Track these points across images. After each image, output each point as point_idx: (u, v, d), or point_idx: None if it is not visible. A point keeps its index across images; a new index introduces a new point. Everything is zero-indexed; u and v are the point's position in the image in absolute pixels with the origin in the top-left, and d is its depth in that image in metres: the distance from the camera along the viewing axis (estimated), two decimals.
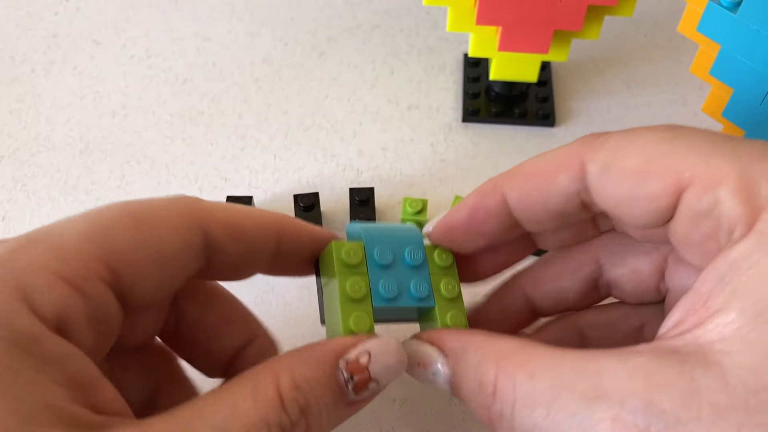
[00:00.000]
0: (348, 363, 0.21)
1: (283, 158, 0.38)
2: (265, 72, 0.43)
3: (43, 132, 0.40)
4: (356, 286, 0.23)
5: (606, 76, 0.43)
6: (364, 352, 0.21)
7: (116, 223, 0.20)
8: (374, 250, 0.24)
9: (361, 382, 0.21)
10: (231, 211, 0.23)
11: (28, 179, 0.38)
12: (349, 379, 0.21)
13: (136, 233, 0.20)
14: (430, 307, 0.25)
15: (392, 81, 0.43)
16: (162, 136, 0.40)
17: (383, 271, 0.24)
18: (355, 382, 0.21)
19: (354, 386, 0.21)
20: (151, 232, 0.20)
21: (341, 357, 0.21)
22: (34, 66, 0.43)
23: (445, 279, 0.25)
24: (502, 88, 0.41)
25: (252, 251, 0.23)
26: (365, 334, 0.22)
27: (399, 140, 0.39)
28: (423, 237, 0.26)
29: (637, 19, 0.46)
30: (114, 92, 0.42)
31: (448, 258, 0.26)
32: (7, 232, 0.35)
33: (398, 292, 0.24)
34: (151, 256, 0.20)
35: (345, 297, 0.23)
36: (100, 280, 0.19)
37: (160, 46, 0.44)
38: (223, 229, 0.22)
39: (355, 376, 0.21)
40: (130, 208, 0.21)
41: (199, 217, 0.22)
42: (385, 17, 0.47)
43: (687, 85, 0.43)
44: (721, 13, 0.29)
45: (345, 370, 0.21)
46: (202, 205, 0.22)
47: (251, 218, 0.23)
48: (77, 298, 0.19)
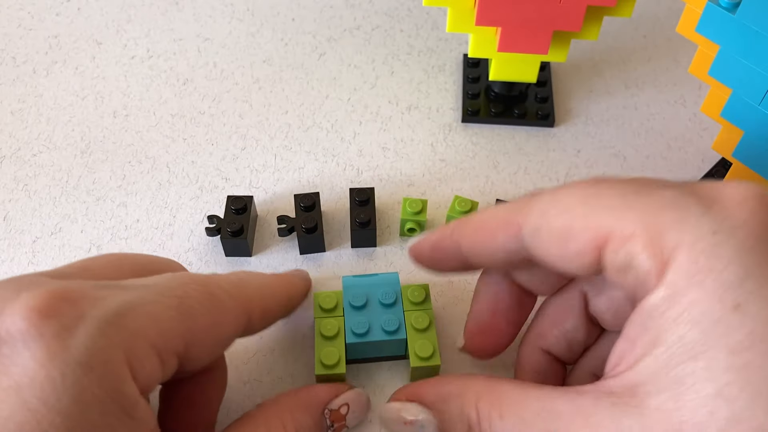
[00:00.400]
0: (331, 412, 0.27)
1: (283, 158, 0.39)
2: (265, 72, 0.43)
3: (44, 132, 0.40)
4: (329, 326, 0.29)
5: (605, 76, 0.43)
6: (344, 404, 0.27)
7: (199, 305, 0.22)
8: (350, 295, 0.29)
9: (338, 428, 0.27)
10: (264, 296, 0.26)
11: (29, 179, 0.38)
12: (330, 426, 0.26)
13: (211, 318, 0.23)
14: (402, 339, 0.29)
15: (392, 81, 0.43)
16: (163, 136, 0.40)
17: (357, 312, 0.29)
18: (334, 428, 0.27)
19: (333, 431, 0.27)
20: (221, 319, 0.23)
21: (326, 406, 0.26)
22: (36, 66, 0.43)
23: (417, 313, 0.29)
24: (501, 89, 0.41)
25: (270, 323, 0.27)
26: (345, 385, 0.28)
27: (399, 140, 0.40)
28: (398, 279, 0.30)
29: (636, 19, 0.46)
30: (115, 92, 0.42)
31: (421, 293, 0.30)
32: (9, 231, 0.35)
33: (369, 328, 0.29)
34: (215, 336, 0.23)
35: (319, 335, 0.29)
36: (176, 355, 0.22)
37: (161, 47, 0.45)
38: (259, 314, 0.25)
39: (336, 423, 0.27)
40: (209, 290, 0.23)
41: (248, 305, 0.25)
42: (385, 18, 0.47)
43: (686, 85, 0.43)
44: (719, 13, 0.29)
45: (329, 418, 0.26)
46: (249, 293, 0.25)
47: (274, 298, 0.27)
48: (161, 368, 0.21)
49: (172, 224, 0.36)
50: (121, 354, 0.19)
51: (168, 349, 0.21)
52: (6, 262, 0.34)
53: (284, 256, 0.34)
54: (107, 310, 0.20)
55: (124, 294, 0.21)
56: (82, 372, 0.18)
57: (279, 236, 0.34)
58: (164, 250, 0.35)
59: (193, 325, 0.22)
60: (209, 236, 0.34)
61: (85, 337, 0.19)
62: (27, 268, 0.34)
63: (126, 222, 0.36)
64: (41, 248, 0.35)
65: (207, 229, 0.34)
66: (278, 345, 0.31)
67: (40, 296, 0.19)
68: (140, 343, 0.20)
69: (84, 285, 0.21)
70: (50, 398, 0.18)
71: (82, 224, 0.36)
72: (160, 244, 0.35)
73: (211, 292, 0.23)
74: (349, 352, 0.29)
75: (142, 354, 0.20)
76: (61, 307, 0.19)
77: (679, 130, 0.40)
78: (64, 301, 0.19)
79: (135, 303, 0.21)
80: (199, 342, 0.22)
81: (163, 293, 0.22)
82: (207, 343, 0.23)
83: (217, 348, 0.24)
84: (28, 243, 0.35)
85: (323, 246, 0.34)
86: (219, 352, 0.25)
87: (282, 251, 0.35)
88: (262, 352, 0.31)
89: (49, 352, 0.18)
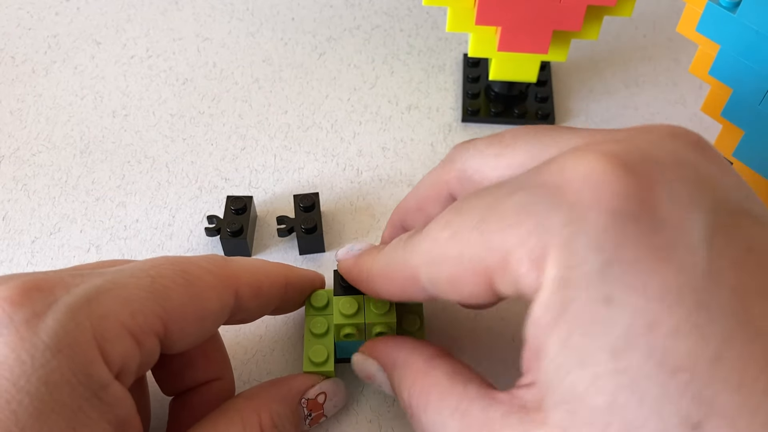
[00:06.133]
0: (308, 401, 0.26)
1: (283, 158, 0.39)
2: (265, 72, 0.43)
3: (43, 132, 0.40)
4: (318, 323, 0.28)
5: (605, 76, 0.43)
6: (321, 393, 0.27)
7: (173, 282, 0.22)
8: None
9: (316, 417, 0.27)
10: (254, 273, 0.25)
11: (28, 179, 0.38)
12: (308, 415, 0.27)
13: (188, 294, 0.22)
14: None
15: (392, 81, 0.43)
16: (162, 136, 0.40)
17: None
18: (312, 417, 0.27)
19: (310, 421, 0.27)
20: (199, 293, 0.23)
21: (303, 396, 0.26)
22: (35, 66, 0.43)
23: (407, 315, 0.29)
24: (501, 88, 0.41)
25: (266, 304, 0.27)
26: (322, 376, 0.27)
27: (399, 140, 0.39)
28: None
29: (636, 19, 0.46)
30: (114, 92, 0.42)
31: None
32: (8, 231, 0.35)
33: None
34: (196, 314, 0.23)
35: (309, 333, 0.28)
36: (155, 334, 0.22)
37: (160, 46, 0.45)
38: (249, 290, 0.25)
39: (313, 412, 0.27)
40: (182, 267, 0.23)
41: (233, 280, 0.24)
42: (385, 17, 0.47)
43: (686, 85, 0.43)
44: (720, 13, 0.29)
45: (306, 407, 0.26)
46: (233, 268, 0.25)
47: (268, 277, 0.26)
48: (136, 349, 0.21)
49: (172, 224, 0.36)
50: (90, 336, 0.20)
51: (143, 330, 0.21)
52: (5, 263, 0.34)
53: (284, 256, 0.34)
54: (78, 295, 0.20)
55: (97, 279, 0.21)
56: (51, 354, 0.19)
57: (278, 237, 0.34)
58: (163, 251, 0.34)
59: (167, 303, 0.22)
60: (209, 236, 0.34)
61: (53, 322, 0.19)
62: (26, 269, 0.34)
63: (125, 222, 0.36)
64: (40, 248, 0.35)
65: (206, 229, 0.34)
66: (278, 345, 0.31)
67: (14, 287, 0.20)
68: (110, 325, 0.20)
69: (60, 273, 0.22)
70: (19, 379, 0.18)
71: (81, 224, 0.36)
72: (159, 244, 0.35)
73: (185, 269, 0.23)
74: (339, 351, 0.29)
75: (113, 335, 0.20)
76: (32, 296, 0.20)
77: None
78: (36, 290, 0.20)
79: (106, 286, 0.21)
80: (179, 320, 0.22)
81: (135, 274, 0.22)
82: (188, 321, 0.23)
83: (203, 326, 0.24)
84: (27, 243, 0.35)
85: (323, 246, 0.34)
86: (206, 330, 0.24)
87: (281, 252, 0.35)
88: (261, 353, 0.31)
89: (20, 337, 0.19)
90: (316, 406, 0.27)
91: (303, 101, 0.41)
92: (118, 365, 0.20)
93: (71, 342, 0.19)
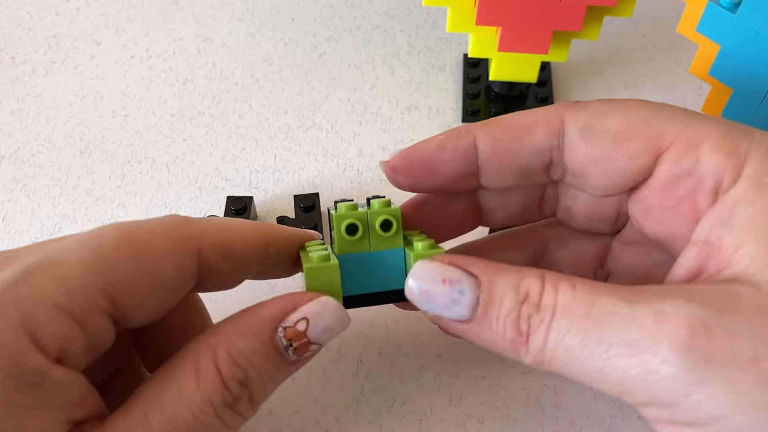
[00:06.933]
0: (286, 330, 0.21)
1: (283, 158, 0.39)
2: (265, 72, 0.43)
3: (43, 132, 0.40)
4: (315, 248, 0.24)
5: (605, 76, 0.43)
6: (302, 320, 0.21)
7: (117, 252, 0.20)
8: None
9: (300, 346, 0.22)
10: (222, 231, 0.22)
11: (28, 179, 0.38)
12: (288, 346, 0.22)
13: (135, 262, 0.20)
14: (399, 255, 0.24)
15: (392, 81, 0.43)
16: (162, 136, 0.40)
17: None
18: (295, 347, 0.22)
19: (294, 351, 0.22)
20: (150, 260, 0.20)
21: (278, 324, 0.21)
22: (35, 66, 0.43)
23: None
24: (501, 89, 0.41)
25: (242, 267, 0.23)
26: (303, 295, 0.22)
27: (399, 140, 0.39)
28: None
29: (636, 19, 0.46)
30: (114, 92, 0.42)
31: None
32: (8, 232, 0.35)
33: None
34: (149, 284, 0.20)
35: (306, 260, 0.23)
36: (101, 311, 0.19)
37: (160, 47, 0.45)
38: (216, 251, 0.22)
39: (294, 342, 0.22)
40: (128, 233, 0.20)
41: (193, 241, 0.22)
42: (385, 17, 0.47)
43: (686, 85, 0.43)
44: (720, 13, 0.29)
45: (284, 338, 0.21)
46: (195, 227, 0.22)
47: (241, 236, 0.23)
48: (78, 330, 0.19)
49: None
50: (17, 323, 0.18)
51: (84, 309, 0.19)
52: None
53: None
54: (4, 280, 0.19)
55: (29, 257, 0.19)
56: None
57: None
58: None
59: (112, 275, 0.19)
60: None
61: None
62: None
63: None
64: None
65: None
66: None
67: None
68: (41, 308, 0.18)
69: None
70: None
71: (81, 224, 0.36)
72: None
73: (131, 235, 0.20)
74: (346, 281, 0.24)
75: (45, 319, 0.18)
76: None
77: None
78: None
79: (40, 265, 0.19)
80: (129, 292, 0.20)
81: (73, 247, 0.20)
82: (141, 292, 0.20)
83: (161, 296, 0.21)
84: (27, 243, 0.35)
85: None
86: (168, 300, 0.21)
87: None
88: None
89: None
90: (296, 335, 0.22)
91: (303, 101, 0.41)
92: (56, 349, 0.19)
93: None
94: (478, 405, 0.29)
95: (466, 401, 0.29)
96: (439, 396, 0.29)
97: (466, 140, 0.24)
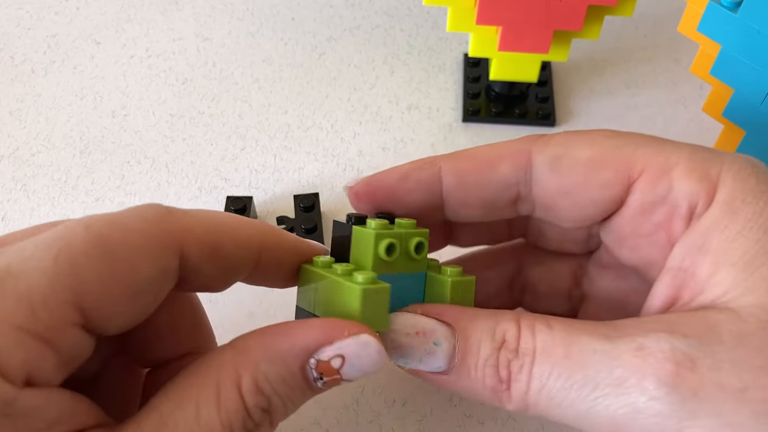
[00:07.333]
0: (318, 363, 0.20)
1: (283, 158, 0.38)
2: (265, 72, 0.43)
3: (43, 132, 0.40)
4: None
5: (606, 76, 0.43)
6: (337, 356, 0.19)
7: (85, 256, 0.17)
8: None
9: (330, 381, 0.20)
10: (210, 228, 0.20)
11: (28, 179, 0.38)
12: (319, 378, 0.20)
13: (108, 267, 0.18)
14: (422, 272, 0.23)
15: (392, 81, 0.43)
16: (162, 136, 0.40)
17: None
18: (325, 381, 0.20)
19: (323, 384, 0.20)
20: (125, 263, 0.18)
21: (311, 355, 0.19)
22: (34, 66, 0.43)
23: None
24: (502, 88, 0.40)
25: (230, 268, 0.21)
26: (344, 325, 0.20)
27: (399, 140, 0.39)
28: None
29: (637, 19, 0.46)
30: (114, 92, 0.42)
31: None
32: (7, 232, 0.35)
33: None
34: (125, 289, 0.18)
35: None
36: (71, 326, 0.18)
37: (160, 46, 0.44)
38: (201, 250, 0.20)
39: (325, 377, 0.20)
40: (98, 232, 0.18)
41: (175, 237, 0.19)
42: (385, 17, 0.46)
43: (687, 85, 0.42)
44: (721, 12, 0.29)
45: (315, 370, 0.20)
46: (178, 221, 0.20)
47: (231, 235, 0.21)
48: (46, 350, 0.17)
49: None
50: None
51: (49, 325, 0.17)
52: None
53: None
54: None
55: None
56: None
57: None
58: None
59: (79, 284, 0.17)
60: None
61: None
62: None
63: None
64: None
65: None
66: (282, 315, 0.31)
67: None
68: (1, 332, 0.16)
69: None
70: None
71: None
72: None
73: (102, 233, 0.18)
74: None
75: (6, 344, 0.16)
76: None
77: (680, 130, 0.40)
78: None
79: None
80: (102, 301, 0.18)
81: (36, 254, 0.17)
82: (114, 299, 0.18)
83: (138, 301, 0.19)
84: None
85: None
86: (147, 304, 0.19)
87: None
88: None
89: None
90: (329, 371, 0.20)
91: (303, 101, 0.41)
92: (22, 374, 0.17)
93: None
94: (478, 405, 0.29)
95: (466, 402, 0.29)
96: (439, 396, 0.29)
97: (430, 171, 0.24)
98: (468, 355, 0.20)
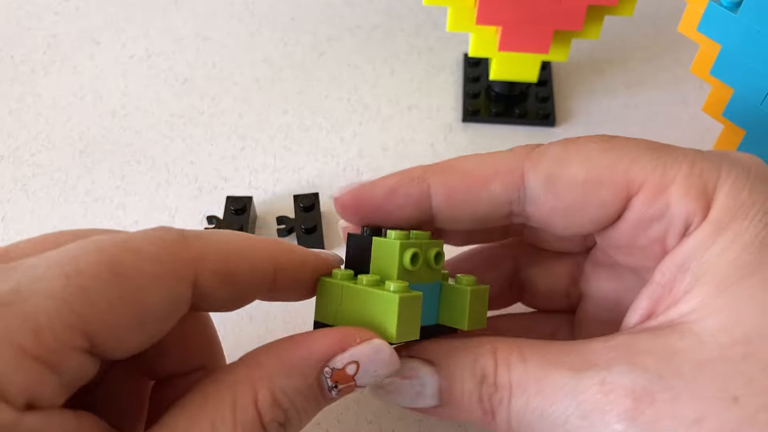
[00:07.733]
0: (333, 371, 0.20)
1: (283, 158, 0.38)
2: (265, 72, 0.43)
3: (42, 132, 0.40)
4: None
5: (606, 76, 0.43)
6: (352, 363, 0.20)
7: (96, 280, 0.17)
8: None
9: (345, 389, 0.20)
10: (223, 254, 0.20)
11: (27, 179, 0.37)
12: (333, 387, 0.20)
13: (118, 293, 0.18)
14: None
15: (392, 81, 0.43)
16: (162, 136, 0.40)
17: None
18: (339, 389, 0.20)
19: (338, 392, 0.20)
20: (136, 290, 0.18)
21: (326, 363, 0.20)
22: (34, 66, 0.43)
23: None
24: (502, 88, 0.40)
25: (244, 294, 0.21)
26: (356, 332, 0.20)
27: (399, 140, 0.39)
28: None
29: (637, 19, 0.46)
30: (114, 92, 0.42)
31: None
32: (7, 232, 0.35)
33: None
34: (134, 317, 0.18)
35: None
36: (75, 350, 0.17)
37: (160, 46, 0.44)
38: (214, 278, 0.20)
39: (340, 384, 0.20)
40: (111, 256, 0.18)
41: (189, 266, 0.19)
42: (385, 17, 0.46)
43: (687, 85, 0.42)
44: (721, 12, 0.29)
45: (330, 378, 0.20)
46: (193, 248, 0.19)
47: (246, 259, 0.21)
48: (49, 373, 0.17)
49: (171, 225, 0.35)
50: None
51: (53, 350, 0.17)
52: None
53: None
54: None
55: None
56: None
57: (278, 237, 0.34)
58: None
59: (89, 309, 0.17)
60: None
61: None
62: None
63: (124, 223, 0.35)
64: None
65: (206, 229, 0.34)
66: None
67: None
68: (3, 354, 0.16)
69: None
70: None
71: (80, 225, 0.35)
72: None
73: (115, 259, 0.18)
74: None
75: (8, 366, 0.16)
76: None
77: (680, 130, 0.40)
78: None
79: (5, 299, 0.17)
80: (108, 327, 0.17)
81: (47, 275, 0.17)
82: (123, 326, 0.18)
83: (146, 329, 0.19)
84: None
85: (323, 247, 0.34)
86: (155, 331, 0.19)
87: None
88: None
89: None
90: (344, 378, 0.20)
91: (303, 101, 0.41)
92: (24, 398, 0.16)
93: None
94: None
95: None
96: None
97: (419, 188, 0.23)
98: (453, 391, 0.21)
